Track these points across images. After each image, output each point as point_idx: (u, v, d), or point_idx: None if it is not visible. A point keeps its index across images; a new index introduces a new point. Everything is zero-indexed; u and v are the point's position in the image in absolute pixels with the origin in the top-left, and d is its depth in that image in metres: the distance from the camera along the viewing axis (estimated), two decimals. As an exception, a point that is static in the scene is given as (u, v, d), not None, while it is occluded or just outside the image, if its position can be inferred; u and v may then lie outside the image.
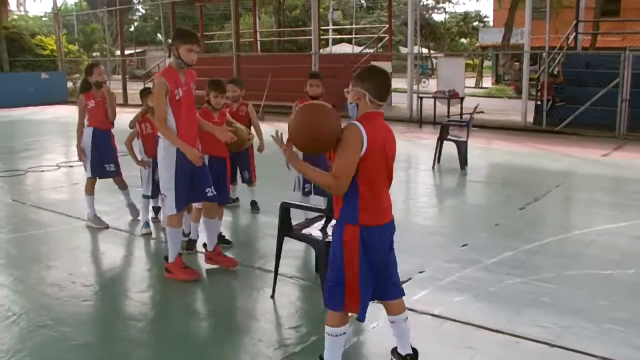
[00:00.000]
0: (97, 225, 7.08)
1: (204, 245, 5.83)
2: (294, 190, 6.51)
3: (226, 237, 6.33)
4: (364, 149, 3.34)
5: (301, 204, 5.14)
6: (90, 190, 7.11)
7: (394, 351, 3.87)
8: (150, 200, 7.08)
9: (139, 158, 6.88)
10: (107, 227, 7.09)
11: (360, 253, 3.42)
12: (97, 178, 7.10)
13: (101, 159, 7.02)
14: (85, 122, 6.97)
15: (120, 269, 5.90)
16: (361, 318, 3.52)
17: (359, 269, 3.43)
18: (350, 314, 3.59)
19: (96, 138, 6.95)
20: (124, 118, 7.84)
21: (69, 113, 22.60)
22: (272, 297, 5.00)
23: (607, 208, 7.90)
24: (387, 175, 3.53)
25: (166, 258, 5.56)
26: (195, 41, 5.18)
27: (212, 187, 5.40)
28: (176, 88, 5.14)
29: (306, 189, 6.38)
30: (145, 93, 6.94)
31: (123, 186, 7.33)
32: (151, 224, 7.03)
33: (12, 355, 4.11)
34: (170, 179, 5.21)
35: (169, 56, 5.27)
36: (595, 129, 15.10)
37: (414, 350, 3.80)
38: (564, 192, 9.01)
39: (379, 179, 3.45)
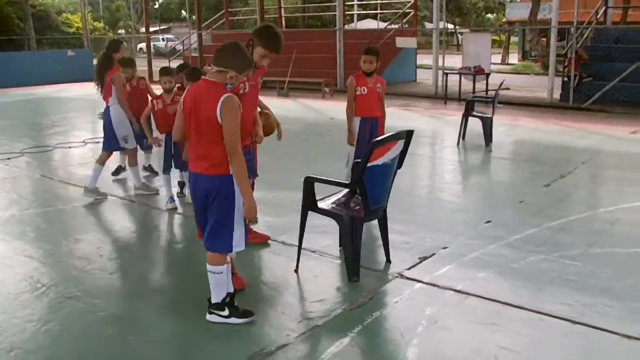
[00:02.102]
0: (147, 192, 7.47)
1: None
2: (346, 166, 6.69)
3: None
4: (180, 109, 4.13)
5: (325, 178, 5.15)
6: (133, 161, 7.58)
7: None
8: (181, 174, 7.22)
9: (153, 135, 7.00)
10: (158, 193, 7.44)
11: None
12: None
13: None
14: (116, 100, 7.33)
15: (147, 243, 5.98)
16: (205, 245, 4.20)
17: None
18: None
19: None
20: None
21: (95, 90, 22.81)
22: (296, 271, 5.05)
23: (635, 186, 7.78)
24: (198, 133, 3.96)
25: None
26: (275, 52, 4.84)
27: None
28: (242, 82, 4.76)
29: None
30: (162, 74, 7.12)
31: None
32: (176, 198, 7.11)
33: (43, 325, 4.22)
34: None
35: (247, 46, 4.70)
36: (624, 106, 14.81)
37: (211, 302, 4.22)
38: (591, 169, 8.91)
39: (189, 133, 4.03)
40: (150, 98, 7.48)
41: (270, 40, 4.86)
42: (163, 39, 45.04)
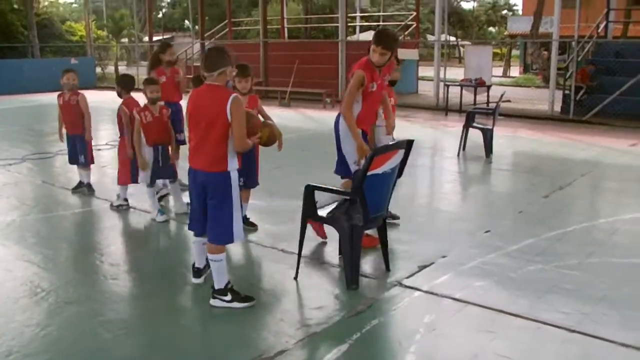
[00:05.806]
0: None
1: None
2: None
3: (251, 220, 6.39)
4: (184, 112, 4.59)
5: (326, 186, 5.17)
6: None
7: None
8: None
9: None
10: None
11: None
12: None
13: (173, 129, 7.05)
14: None
15: (146, 249, 6.00)
16: (190, 228, 4.67)
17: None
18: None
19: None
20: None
21: (98, 98, 22.86)
22: (296, 278, 5.06)
23: (634, 197, 7.82)
24: (203, 134, 4.28)
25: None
26: (387, 47, 5.39)
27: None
28: (371, 82, 5.53)
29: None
30: (147, 83, 6.83)
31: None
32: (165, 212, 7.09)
33: (42, 329, 4.23)
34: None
35: (368, 52, 5.52)
36: (624, 119, 14.86)
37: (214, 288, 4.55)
38: (590, 181, 8.94)
39: (194, 134, 4.37)
40: (133, 110, 6.77)
41: (377, 36, 5.45)
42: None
